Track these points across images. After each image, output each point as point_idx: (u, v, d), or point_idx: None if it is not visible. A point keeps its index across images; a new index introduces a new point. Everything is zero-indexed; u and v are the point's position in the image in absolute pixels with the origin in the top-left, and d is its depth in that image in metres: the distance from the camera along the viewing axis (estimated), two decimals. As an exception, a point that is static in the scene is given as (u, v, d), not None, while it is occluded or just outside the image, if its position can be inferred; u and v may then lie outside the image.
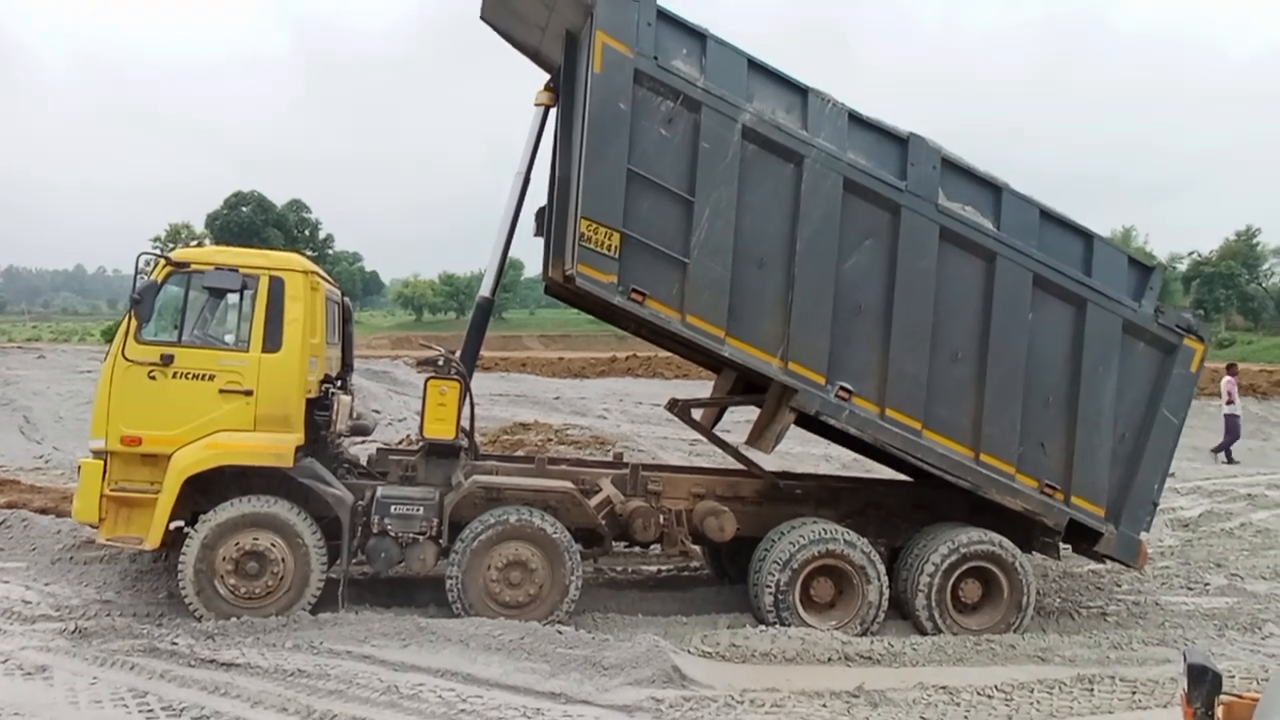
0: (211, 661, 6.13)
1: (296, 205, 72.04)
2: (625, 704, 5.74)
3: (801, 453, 13.91)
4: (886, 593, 7.50)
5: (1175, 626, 8.00)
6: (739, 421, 9.70)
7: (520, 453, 11.69)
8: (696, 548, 8.27)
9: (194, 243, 10.41)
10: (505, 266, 8.32)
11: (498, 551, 7.10)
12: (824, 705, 5.90)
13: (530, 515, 7.22)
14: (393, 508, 7.14)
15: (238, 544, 6.90)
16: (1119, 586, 9.31)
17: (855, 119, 7.43)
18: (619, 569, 9.10)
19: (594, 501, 7.45)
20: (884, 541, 7.97)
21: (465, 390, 7.44)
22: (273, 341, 7.06)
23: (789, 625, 7.29)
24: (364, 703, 5.64)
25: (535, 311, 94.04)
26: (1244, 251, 68.33)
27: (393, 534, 7.11)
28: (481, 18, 8.72)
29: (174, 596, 7.54)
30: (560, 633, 6.75)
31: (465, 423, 7.57)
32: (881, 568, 7.51)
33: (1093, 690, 6.34)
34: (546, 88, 8.14)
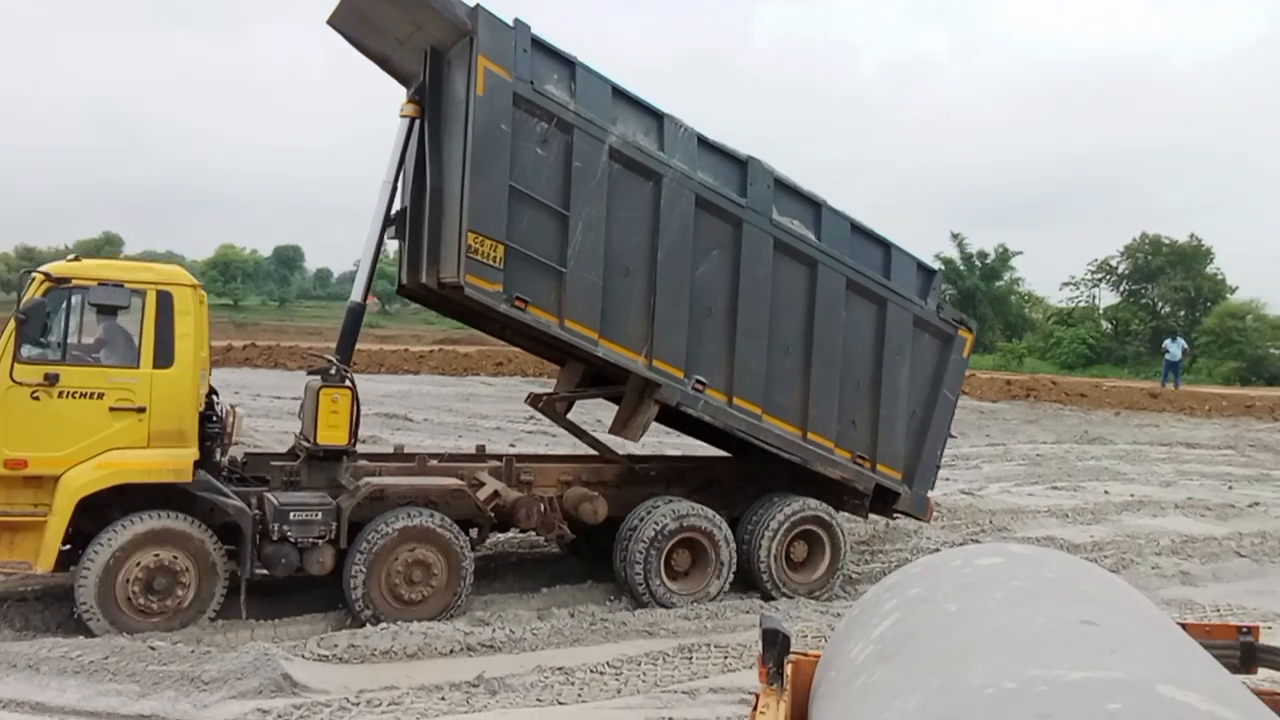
0: None
1: None
2: (228, 719, 5.58)
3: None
4: (735, 557, 8.62)
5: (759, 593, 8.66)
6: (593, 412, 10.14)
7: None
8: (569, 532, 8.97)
9: (69, 257, 8.90)
10: (375, 272, 8.57)
11: (403, 551, 7.47)
12: (443, 698, 5.99)
13: (437, 518, 7.64)
14: (291, 514, 7.31)
15: (146, 561, 6.87)
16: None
17: (703, 142, 8.39)
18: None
19: (482, 496, 7.98)
20: (724, 513, 9.04)
21: (355, 397, 7.71)
22: (164, 357, 7.01)
23: (656, 593, 8.23)
24: (-101, 747, 5.13)
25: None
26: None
27: (292, 540, 7.29)
28: (329, 23, 8.86)
29: None
30: (153, 649, 6.43)
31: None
32: (730, 536, 8.61)
33: (691, 659, 6.93)
34: (410, 100, 8.44)
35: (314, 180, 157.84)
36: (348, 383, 7.74)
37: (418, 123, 8.43)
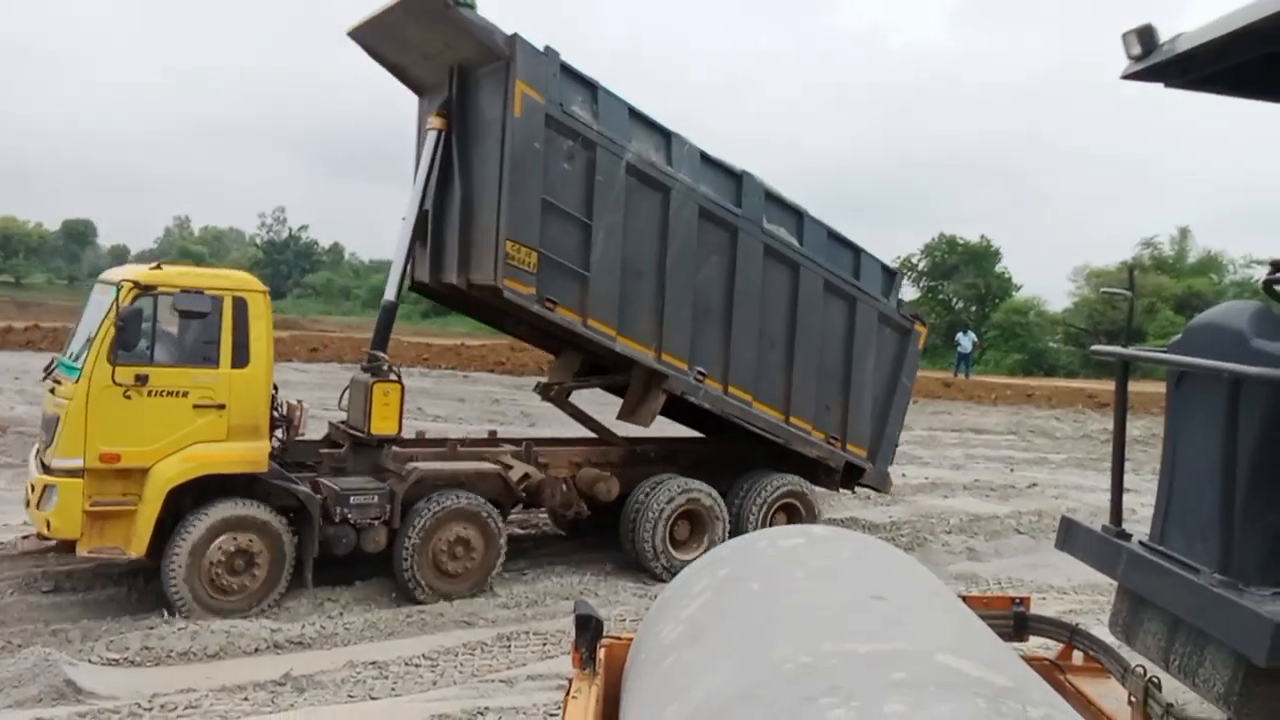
0: None
1: None
2: None
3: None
4: (728, 526, 9.69)
5: (581, 580, 8.94)
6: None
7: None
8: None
9: (153, 265, 8.43)
10: (406, 273, 9.25)
11: (447, 530, 8.24)
12: (246, 699, 5.75)
13: (477, 500, 8.39)
14: (352, 498, 7.99)
15: (227, 545, 7.40)
16: (540, 550, 10.11)
17: (705, 158, 9.34)
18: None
19: (515, 477, 8.82)
20: (715, 488, 10.12)
21: (402, 391, 8.44)
22: (241, 358, 7.59)
23: (664, 562, 9.22)
24: None
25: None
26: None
27: (352, 521, 7.99)
28: (350, 35, 9.44)
29: None
30: None
31: None
32: (724, 508, 9.67)
33: (510, 647, 6.97)
34: (438, 114, 9.10)
35: (110, 151, 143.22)
36: (395, 378, 8.45)
37: (443, 135, 9.11)
